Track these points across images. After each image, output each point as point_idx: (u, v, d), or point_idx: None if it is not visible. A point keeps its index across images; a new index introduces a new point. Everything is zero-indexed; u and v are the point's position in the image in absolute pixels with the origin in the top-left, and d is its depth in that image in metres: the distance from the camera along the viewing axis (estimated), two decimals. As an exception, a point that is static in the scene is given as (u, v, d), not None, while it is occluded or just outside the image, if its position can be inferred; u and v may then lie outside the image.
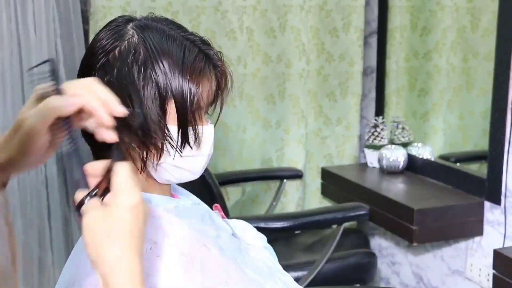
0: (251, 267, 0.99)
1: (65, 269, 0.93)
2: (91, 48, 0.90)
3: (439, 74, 2.37)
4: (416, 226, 1.92)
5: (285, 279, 1.07)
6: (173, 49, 0.87)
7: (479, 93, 2.25)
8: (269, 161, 2.46)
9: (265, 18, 2.33)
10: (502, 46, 1.84)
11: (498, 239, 1.92)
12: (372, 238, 2.54)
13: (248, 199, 2.48)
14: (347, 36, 2.44)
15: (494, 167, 1.90)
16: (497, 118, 1.87)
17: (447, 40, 2.32)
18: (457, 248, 2.13)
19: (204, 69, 0.89)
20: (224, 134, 2.36)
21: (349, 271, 2.02)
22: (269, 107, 2.41)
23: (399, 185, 2.24)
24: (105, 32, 0.89)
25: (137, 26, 0.89)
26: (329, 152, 2.54)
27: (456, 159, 2.32)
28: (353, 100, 2.50)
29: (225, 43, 2.29)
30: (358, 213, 1.99)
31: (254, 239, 1.12)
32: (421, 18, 2.42)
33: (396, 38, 2.44)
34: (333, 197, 2.45)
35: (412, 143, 2.40)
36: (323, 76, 2.46)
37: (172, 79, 0.86)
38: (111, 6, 2.12)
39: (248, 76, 2.36)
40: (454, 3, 2.29)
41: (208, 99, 0.92)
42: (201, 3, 2.24)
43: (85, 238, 0.70)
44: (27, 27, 2.11)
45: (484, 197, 1.96)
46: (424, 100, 2.45)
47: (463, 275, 2.11)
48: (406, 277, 2.40)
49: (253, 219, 1.83)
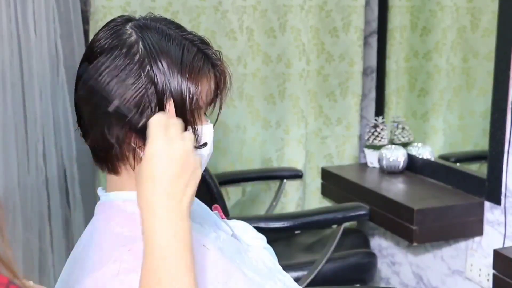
0: (250, 267, 0.99)
1: (66, 266, 0.93)
2: (90, 48, 0.90)
3: (439, 74, 2.37)
4: (416, 226, 1.92)
5: (284, 279, 1.07)
6: (172, 49, 0.87)
7: (479, 93, 2.25)
8: (269, 161, 2.46)
9: (265, 18, 2.33)
10: (502, 46, 1.84)
11: (498, 239, 1.92)
12: (372, 238, 2.54)
13: (248, 199, 2.48)
14: (347, 36, 2.44)
15: (494, 167, 1.90)
16: (497, 118, 1.87)
17: (447, 40, 2.32)
18: (457, 248, 2.13)
19: (203, 69, 0.89)
20: (224, 134, 2.36)
21: (349, 271, 2.02)
22: (269, 107, 2.41)
23: (399, 185, 2.24)
24: (104, 32, 0.89)
25: (136, 26, 0.89)
26: (329, 152, 2.54)
27: (456, 159, 2.32)
28: (353, 100, 2.50)
29: (225, 43, 2.29)
30: (358, 213, 1.99)
31: (254, 240, 1.12)
32: (421, 18, 2.41)
33: (396, 38, 2.44)
34: (333, 197, 2.45)
35: (412, 143, 2.40)
36: (323, 76, 2.46)
37: (171, 78, 0.86)
38: (111, 6, 2.12)
39: (248, 76, 2.36)
40: (454, 3, 2.29)
41: (207, 98, 0.91)
42: (201, 3, 2.24)
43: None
44: (27, 27, 2.11)
45: (484, 197, 1.96)
46: (424, 100, 2.44)
47: (463, 275, 2.11)
48: (406, 277, 2.40)
49: (253, 219, 1.83)
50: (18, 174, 2.17)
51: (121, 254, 0.82)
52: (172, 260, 0.75)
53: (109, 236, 0.86)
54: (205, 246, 0.91)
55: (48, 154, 2.22)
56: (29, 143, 2.18)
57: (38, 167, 2.21)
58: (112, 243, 0.84)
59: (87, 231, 0.95)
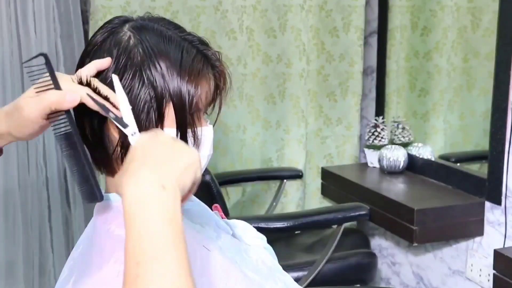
0: (250, 267, 0.99)
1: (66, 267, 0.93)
2: (87, 51, 0.89)
3: (439, 74, 2.37)
4: (417, 226, 1.92)
5: (285, 279, 1.07)
6: (171, 51, 0.86)
7: (479, 93, 2.25)
8: (269, 161, 2.46)
9: (265, 18, 2.33)
10: (502, 46, 1.84)
11: (499, 239, 1.92)
12: (372, 238, 2.54)
13: (248, 199, 2.48)
14: (347, 36, 2.44)
15: (494, 167, 1.90)
16: (497, 118, 1.87)
17: (447, 40, 2.32)
18: (457, 248, 2.13)
19: (203, 70, 0.88)
20: (224, 134, 2.36)
21: (349, 272, 2.02)
22: (269, 107, 2.41)
23: (399, 185, 2.24)
24: (101, 35, 0.88)
25: (133, 28, 0.87)
26: (329, 152, 2.54)
27: (457, 159, 2.32)
28: (353, 100, 2.50)
29: (225, 43, 2.29)
30: (358, 213, 1.99)
31: (254, 240, 1.12)
32: (421, 17, 2.41)
33: (397, 38, 2.44)
34: (333, 197, 2.45)
35: (413, 143, 2.40)
36: (323, 76, 2.46)
37: (170, 81, 0.85)
38: (111, 6, 2.11)
39: (248, 76, 2.36)
40: (454, 3, 2.29)
41: (207, 100, 0.91)
42: (201, 3, 2.24)
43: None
44: (27, 27, 2.11)
45: (484, 197, 1.96)
46: (424, 100, 2.44)
47: (463, 276, 2.11)
48: (406, 277, 2.40)
49: (253, 219, 1.83)
50: (18, 174, 2.16)
51: (121, 255, 0.82)
52: (162, 247, 0.65)
53: (108, 238, 0.86)
54: (206, 247, 0.91)
55: (48, 154, 2.22)
56: (29, 143, 2.18)
57: (38, 167, 2.21)
58: (111, 245, 0.84)
59: (86, 232, 0.95)
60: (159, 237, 0.65)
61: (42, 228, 2.25)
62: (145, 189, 0.67)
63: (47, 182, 2.23)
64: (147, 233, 0.65)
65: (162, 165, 0.70)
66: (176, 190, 0.69)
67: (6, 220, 2.17)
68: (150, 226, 0.65)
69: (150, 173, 0.68)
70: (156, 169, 0.69)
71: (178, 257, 0.65)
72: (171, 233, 0.66)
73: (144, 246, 0.64)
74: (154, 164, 0.70)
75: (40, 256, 2.26)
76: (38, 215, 2.22)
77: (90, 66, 0.84)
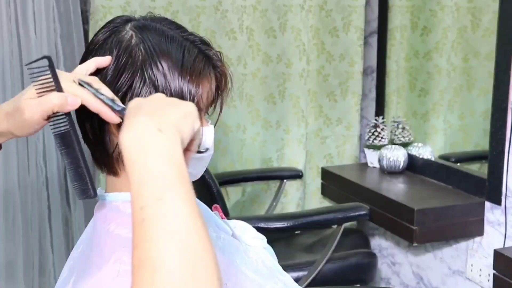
0: (250, 268, 0.99)
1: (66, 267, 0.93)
2: (88, 49, 0.89)
3: (439, 74, 2.37)
4: (417, 226, 1.92)
5: (284, 279, 1.07)
6: (172, 50, 0.86)
7: (479, 93, 2.25)
8: (269, 161, 2.46)
9: (265, 18, 2.33)
10: (502, 46, 1.84)
11: (499, 239, 1.92)
12: (372, 238, 2.54)
13: (248, 199, 2.48)
14: (347, 36, 2.44)
15: (494, 167, 1.90)
16: (497, 118, 1.87)
17: (447, 40, 2.32)
18: (457, 248, 2.13)
19: (204, 70, 0.88)
20: (224, 134, 2.36)
21: (349, 272, 2.02)
22: (269, 107, 2.41)
23: (399, 185, 2.24)
24: (103, 34, 0.88)
25: (135, 27, 0.88)
26: (329, 152, 2.54)
27: (457, 159, 2.32)
28: (353, 100, 2.50)
29: (225, 43, 2.29)
30: (358, 213, 1.99)
31: (254, 240, 1.12)
32: (421, 17, 2.41)
33: (397, 38, 2.44)
34: (333, 197, 2.45)
35: (413, 143, 2.40)
36: (323, 76, 2.46)
37: (172, 80, 0.85)
38: (111, 6, 2.11)
39: (248, 76, 2.36)
40: (454, 3, 2.29)
41: (208, 100, 0.91)
42: (201, 3, 2.24)
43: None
44: (27, 27, 2.11)
45: (484, 197, 1.96)
46: (424, 100, 2.44)
47: (463, 276, 2.11)
48: (406, 277, 2.40)
49: (253, 219, 1.83)
50: (18, 174, 2.16)
51: (121, 255, 0.82)
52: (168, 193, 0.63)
53: (108, 238, 0.86)
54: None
55: (48, 154, 2.22)
56: (29, 143, 2.18)
57: (38, 166, 2.21)
58: (111, 244, 0.84)
59: (86, 232, 0.95)
60: (160, 178, 0.62)
61: (42, 228, 2.25)
62: (141, 134, 0.65)
63: (47, 182, 2.23)
64: (148, 176, 0.62)
65: (158, 111, 0.68)
66: (174, 133, 0.66)
67: (6, 220, 2.17)
68: (150, 169, 0.62)
69: (146, 119, 0.66)
70: (152, 115, 0.67)
71: (184, 197, 0.62)
72: (174, 174, 0.63)
73: (146, 189, 0.61)
74: (150, 112, 0.68)
75: (40, 256, 2.26)
76: (38, 215, 2.22)
77: (90, 63, 0.84)
